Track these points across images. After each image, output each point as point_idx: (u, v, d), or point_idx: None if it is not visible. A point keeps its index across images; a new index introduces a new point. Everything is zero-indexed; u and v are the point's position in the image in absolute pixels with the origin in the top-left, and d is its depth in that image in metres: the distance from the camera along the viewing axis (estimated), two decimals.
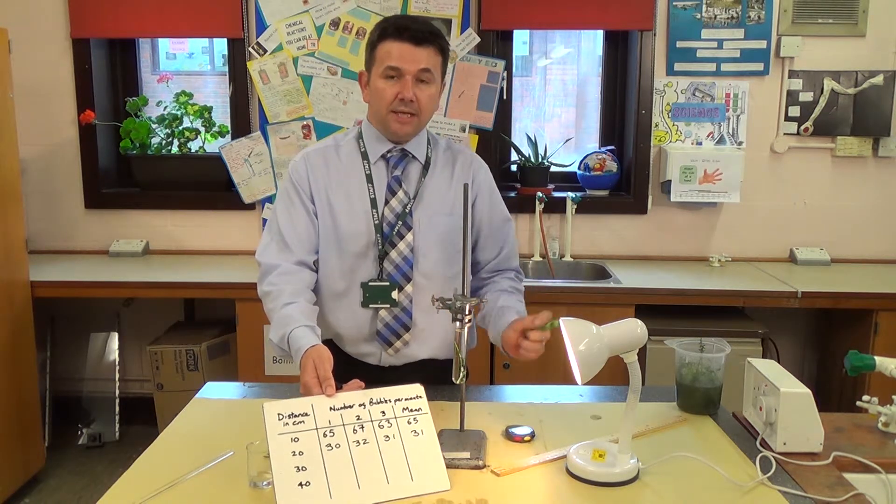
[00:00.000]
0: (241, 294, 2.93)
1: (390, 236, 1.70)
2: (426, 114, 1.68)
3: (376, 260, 1.71)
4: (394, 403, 1.39)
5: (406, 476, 1.30)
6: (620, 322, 1.36)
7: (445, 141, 1.84)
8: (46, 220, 3.53)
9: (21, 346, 2.92)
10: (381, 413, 1.37)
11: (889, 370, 1.55)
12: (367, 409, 1.37)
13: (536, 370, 2.89)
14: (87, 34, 3.37)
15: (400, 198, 1.71)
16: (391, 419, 1.37)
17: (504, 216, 1.83)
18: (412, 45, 1.60)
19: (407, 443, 1.34)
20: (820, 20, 3.28)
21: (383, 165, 1.74)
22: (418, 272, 1.72)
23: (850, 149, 3.36)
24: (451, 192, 1.76)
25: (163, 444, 1.50)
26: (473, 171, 1.79)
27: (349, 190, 1.73)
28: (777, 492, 1.30)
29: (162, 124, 3.49)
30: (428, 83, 1.65)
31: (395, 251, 1.71)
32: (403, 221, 1.70)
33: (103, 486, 1.34)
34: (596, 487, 1.32)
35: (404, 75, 1.62)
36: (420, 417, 1.38)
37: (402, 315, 1.73)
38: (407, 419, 1.38)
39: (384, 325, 1.73)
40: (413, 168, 1.75)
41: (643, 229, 3.48)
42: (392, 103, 1.64)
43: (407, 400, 1.40)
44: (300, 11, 3.32)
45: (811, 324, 3.51)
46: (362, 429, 1.34)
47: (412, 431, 1.36)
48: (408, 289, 1.72)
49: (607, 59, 3.58)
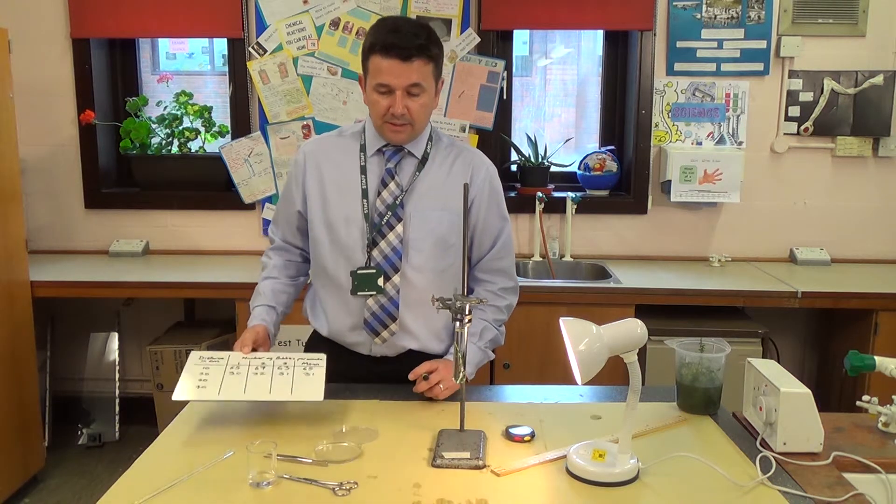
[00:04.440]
0: (241, 294, 2.93)
1: (379, 226, 1.74)
2: (420, 121, 1.72)
3: (365, 249, 1.75)
4: (296, 360, 1.64)
5: (287, 390, 1.55)
6: (620, 322, 1.36)
7: (449, 138, 1.86)
8: (46, 220, 3.53)
9: (21, 346, 2.92)
10: (283, 362, 1.63)
11: (889, 370, 1.55)
12: (272, 360, 1.63)
13: (536, 370, 2.90)
14: (87, 34, 3.37)
15: (391, 189, 1.75)
16: (289, 365, 1.62)
17: (500, 216, 1.84)
18: (400, 62, 1.63)
19: (297, 375, 1.59)
20: (820, 20, 3.28)
21: (378, 158, 1.78)
22: (408, 265, 1.75)
23: (850, 149, 3.36)
24: (446, 188, 1.77)
25: (163, 444, 1.50)
26: (473, 170, 1.80)
27: (343, 180, 1.78)
28: (777, 492, 1.30)
29: (162, 124, 3.49)
30: (419, 95, 1.68)
31: (385, 242, 1.74)
32: (394, 213, 1.73)
33: (103, 486, 1.34)
34: (596, 487, 1.32)
35: (394, 90, 1.65)
36: (314, 367, 1.62)
37: (388, 305, 1.76)
38: (303, 367, 1.61)
39: (371, 315, 1.76)
40: (408, 163, 1.78)
41: (643, 229, 3.48)
42: (385, 115, 1.68)
43: (308, 360, 1.64)
44: (300, 11, 3.32)
45: (811, 324, 3.51)
46: (263, 367, 1.61)
47: (304, 373, 1.60)
48: (395, 279, 1.75)
49: (607, 59, 3.58)
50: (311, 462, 1.41)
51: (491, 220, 1.82)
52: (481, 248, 1.84)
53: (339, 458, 1.42)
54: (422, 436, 1.52)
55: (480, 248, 1.84)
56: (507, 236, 1.85)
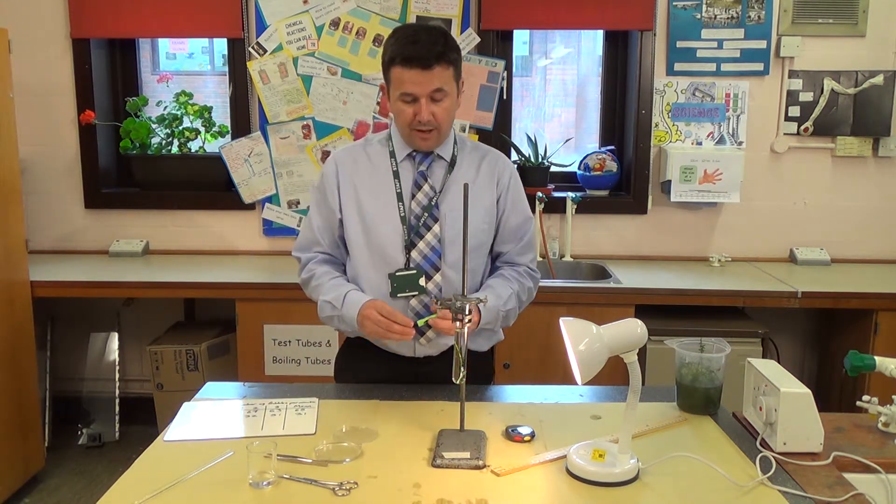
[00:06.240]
0: (241, 294, 2.93)
1: (417, 227, 1.77)
2: (446, 125, 1.76)
3: (404, 251, 1.77)
4: (288, 404, 1.68)
5: (279, 426, 1.57)
6: (620, 322, 1.37)
7: (472, 142, 1.92)
8: (46, 220, 3.53)
9: (21, 346, 2.92)
10: (275, 406, 1.67)
11: (889, 370, 1.55)
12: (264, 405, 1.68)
13: (536, 370, 2.90)
14: (87, 34, 3.37)
15: (426, 191, 1.78)
16: (282, 408, 1.66)
17: (525, 215, 1.90)
18: (421, 70, 1.66)
19: (288, 415, 1.62)
20: (820, 20, 3.28)
21: (409, 163, 1.82)
22: (445, 263, 1.78)
23: (850, 149, 3.36)
24: (476, 189, 1.81)
25: (163, 444, 1.50)
26: (499, 171, 1.86)
27: (376, 185, 1.81)
28: (777, 492, 1.30)
29: (162, 124, 3.49)
30: (442, 99, 1.71)
31: (423, 242, 1.77)
32: (430, 213, 1.77)
33: (103, 486, 1.34)
34: (596, 487, 1.32)
35: (419, 98, 1.69)
36: (306, 408, 1.65)
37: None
38: (295, 409, 1.65)
39: (416, 315, 1.76)
40: (438, 165, 1.83)
41: (643, 229, 3.48)
42: (412, 123, 1.72)
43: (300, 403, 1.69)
44: (300, 11, 3.32)
45: (811, 324, 3.51)
46: (255, 410, 1.65)
47: (296, 413, 1.64)
48: (436, 278, 1.77)
49: (607, 59, 3.58)
50: (311, 462, 1.41)
51: (518, 217, 1.88)
52: (507, 243, 1.88)
53: (339, 458, 1.42)
54: (422, 436, 1.52)
55: (506, 243, 1.88)
56: (532, 233, 1.92)
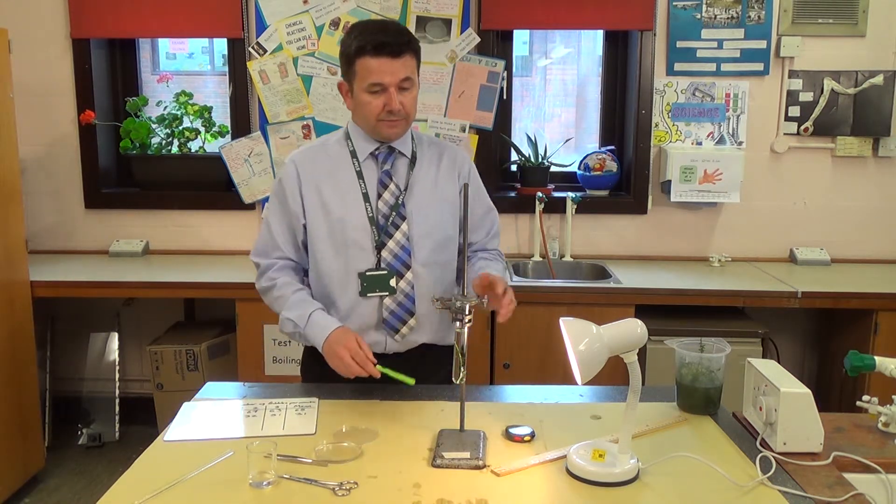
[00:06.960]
0: (241, 294, 2.93)
1: (385, 227, 1.77)
2: (413, 114, 1.78)
3: (374, 251, 1.77)
4: (288, 403, 1.68)
5: (279, 426, 1.56)
6: (620, 322, 1.37)
7: (427, 137, 1.94)
8: (46, 220, 3.53)
9: (21, 346, 2.92)
10: (275, 406, 1.66)
11: (889, 370, 1.55)
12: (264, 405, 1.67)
13: (536, 370, 2.90)
14: (87, 34, 3.37)
15: (392, 190, 1.79)
16: (282, 408, 1.65)
17: (488, 205, 1.95)
18: (391, 59, 1.67)
19: (288, 415, 1.62)
20: (820, 20, 3.28)
21: (372, 162, 1.82)
22: (416, 261, 1.79)
23: (850, 149, 3.36)
24: (440, 184, 1.85)
25: (163, 444, 1.50)
26: (459, 165, 1.89)
27: (340, 186, 1.80)
28: (777, 492, 1.30)
29: (162, 124, 3.49)
30: (409, 88, 1.74)
31: (393, 241, 1.78)
32: (397, 212, 1.78)
33: (103, 486, 1.34)
34: (596, 487, 1.32)
35: (388, 88, 1.70)
36: (306, 408, 1.65)
37: (405, 302, 1.79)
38: (295, 409, 1.65)
39: (390, 313, 1.79)
40: (401, 163, 1.83)
41: (643, 229, 3.48)
42: (380, 114, 1.73)
43: (300, 403, 1.68)
44: (300, 11, 3.32)
45: (811, 324, 3.51)
46: (255, 410, 1.64)
47: (296, 413, 1.63)
48: (408, 276, 1.79)
49: (607, 59, 3.58)
50: (311, 462, 1.41)
51: (482, 207, 1.93)
52: (475, 232, 1.93)
53: (339, 458, 1.42)
54: (422, 436, 1.52)
55: (474, 232, 1.93)
56: (497, 222, 1.98)
